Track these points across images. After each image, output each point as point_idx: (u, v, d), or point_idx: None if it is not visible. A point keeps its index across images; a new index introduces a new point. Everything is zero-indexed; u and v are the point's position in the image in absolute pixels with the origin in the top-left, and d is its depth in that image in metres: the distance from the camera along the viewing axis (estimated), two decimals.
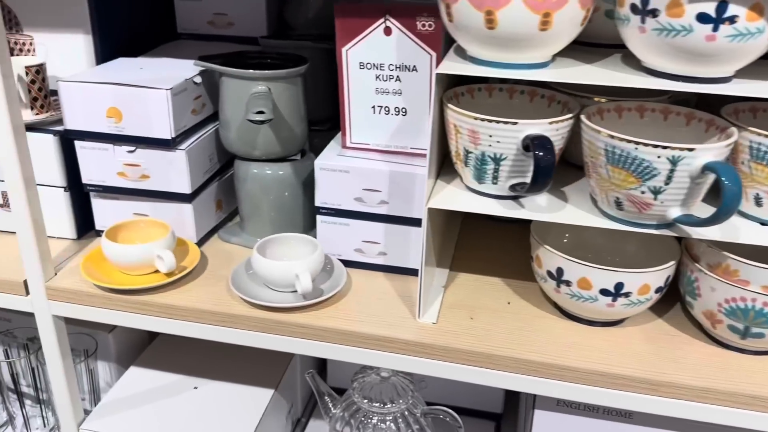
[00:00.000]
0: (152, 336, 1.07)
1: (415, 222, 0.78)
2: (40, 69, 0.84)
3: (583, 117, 0.63)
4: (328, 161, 0.78)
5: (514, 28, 0.57)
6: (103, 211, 0.86)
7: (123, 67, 0.84)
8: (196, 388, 0.95)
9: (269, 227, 0.86)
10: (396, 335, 0.70)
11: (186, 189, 0.82)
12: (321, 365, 1.19)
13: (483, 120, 0.62)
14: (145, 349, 1.04)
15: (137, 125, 0.78)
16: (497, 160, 0.64)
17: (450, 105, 0.65)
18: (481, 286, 0.80)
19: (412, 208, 0.77)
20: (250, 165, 0.84)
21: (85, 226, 0.88)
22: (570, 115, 0.64)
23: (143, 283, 0.75)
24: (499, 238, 0.91)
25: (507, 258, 0.86)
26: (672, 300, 0.76)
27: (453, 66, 0.62)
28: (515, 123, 0.61)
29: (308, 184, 0.86)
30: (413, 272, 0.81)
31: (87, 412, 0.89)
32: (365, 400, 0.81)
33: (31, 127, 0.83)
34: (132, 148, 0.80)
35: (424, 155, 0.79)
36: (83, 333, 0.97)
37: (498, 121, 0.62)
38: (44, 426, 1.01)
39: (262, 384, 0.96)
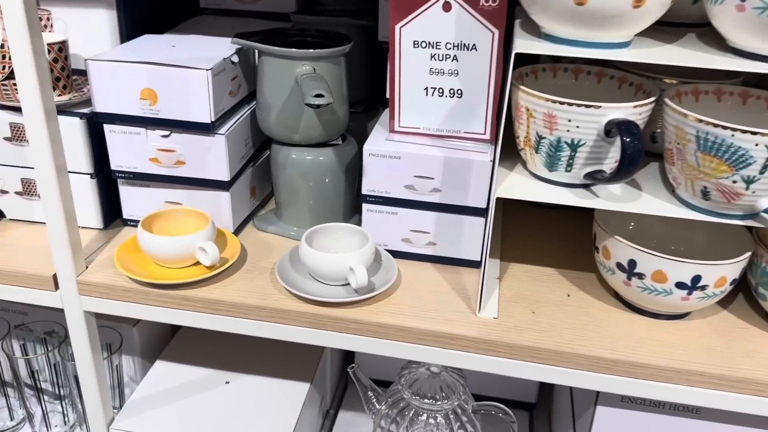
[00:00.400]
0: (175, 328, 1.03)
1: (470, 211, 0.74)
2: (62, 46, 0.78)
3: (668, 100, 0.59)
4: (378, 146, 0.74)
5: (606, 4, 0.53)
6: (132, 199, 0.81)
7: (153, 45, 0.78)
8: (227, 382, 0.91)
9: (307, 215, 0.82)
10: (457, 331, 0.67)
11: (224, 176, 0.77)
12: (347, 357, 1.16)
13: (563, 103, 0.58)
14: (168, 342, 1.00)
15: (174, 108, 0.73)
16: (574, 147, 0.60)
17: (523, 87, 0.61)
18: (537, 277, 0.77)
19: (466, 197, 0.73)
20: (289, 150, 0.79)
21: (111, 215, 0.83)
22: (653, 99, 0.60)
23: (183, 277, 0.71)
24: (544, 225, 0.88)
25: (556, 247, 0.82)
26: (733, 291, 0.73)
27: (534, 45, 0.58)
28: (599, 107, 0.57)
29: (350, 170, 0.81)
30: (464, 263, 0.77)
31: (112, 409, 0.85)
32: (415, 396, 0.78)
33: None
34: (167, 133, 0.75)
35: (478, 140, 0.75)
36: (107, 327, 0.92)
37: (580, 105, 0.57)
38: (65, 423, 0.97)
39: (297, 377, 0.93)
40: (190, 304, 0.71)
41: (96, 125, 0.77)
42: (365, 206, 0.77)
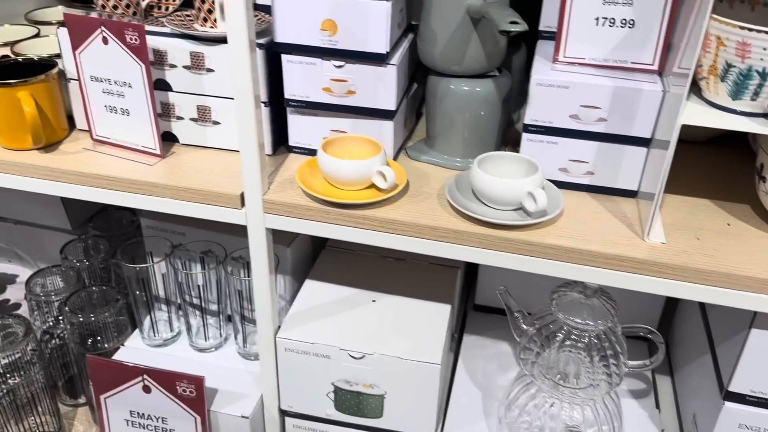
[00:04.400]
0: (316, 250, 1.10)
1: (633, 141, 0.76)
2: None
3: None
4: (546, 76, 0.76)
5: None
6: (299, 127, 0.86)
7: None
8: (374, 301, 0.98)
9: (461, 145, 0.86)
10: (627, 254, 0.70)
11: (391, 105, 0.81)
12: (470, 282, 1.21)
13: (760, 32, 0.59)
14: (310, 263, 1.07)
15: (352, 39, 0.77)
16: (764, 75, 0.62)
17: (716, 16, 0.62)
18: (695, 206, 0.79)
19: (632, 127, 0.75)
20: (449, 81, 0.83)
21: (278, 142, 0.89)
22: None
23: (362, 198, 0.76)
24: (690, 157, 0.89)
25: (705, 180, 0.84)
26: None
27: None
28: None
29: (504, 102, 0.84)
30: (621, 193, 0.80)
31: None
32: (567, 317, 0.82)
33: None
34: (341, 63, 0.79)
35: (646, 71, 0.76)
36: None
37: None
38: (219, 335, 1.06)
39: (437, 299, 0.98)
40: (368, 222, 0.76)
41: (273, 55, 0.81)
42: (526, 136, 0.80)
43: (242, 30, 0.68)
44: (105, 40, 0.80)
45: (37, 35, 0.99)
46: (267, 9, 0.85)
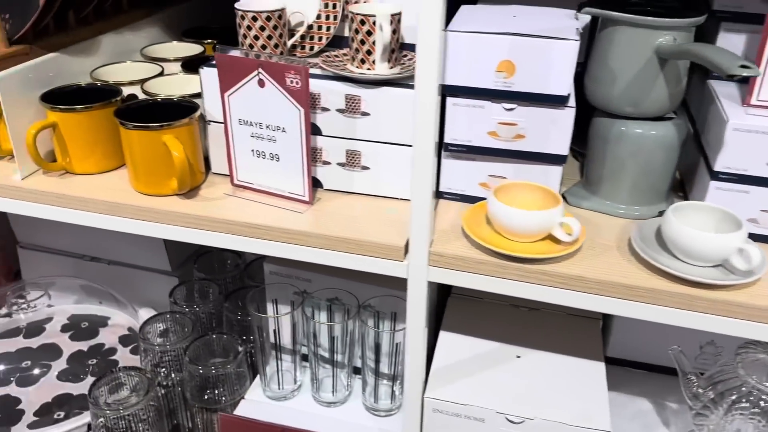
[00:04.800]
0: (441, 298, 1.04)
1: None
2: (400, 18, 0.78)
3: None
4: (743, 121, 0.70)
5: None
6: (453, 172, 0.81)
7: (494, 16, 0.77)
8: (518, 356, 0.91)
9: (628, 191, 0.80)
10: None
11: (564, 150, 0.76)
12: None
13: None
14: (436, 309, 1.01)
15: (531, 80, 0.72)
16: None
17: None
18: None
19: None
20: (623, 123, 0.77)
21: None
22: None
23: (542, 252, 0.70)
24: None
25: None
26: None
27: None
28: None
29: (679, 146, 0.78)
30: None
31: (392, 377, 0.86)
32: (753, 377, 0.75)
33: (387, 82, 0.77)
34: (512, 106, 0.74)
35: None
36: (390, 295, 0.93)
37: None
38: (345, 389, 0.99)
39: (586, 354, 0.91)
40: (549, 279, 0.70)
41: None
42: (714, 184, 0.74)
43: (433, 74, 0.63)
44: (261, 83, 0.76)
45: (161, 73, 0.96)
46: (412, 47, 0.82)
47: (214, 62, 0.81)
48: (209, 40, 1.09)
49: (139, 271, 1.26)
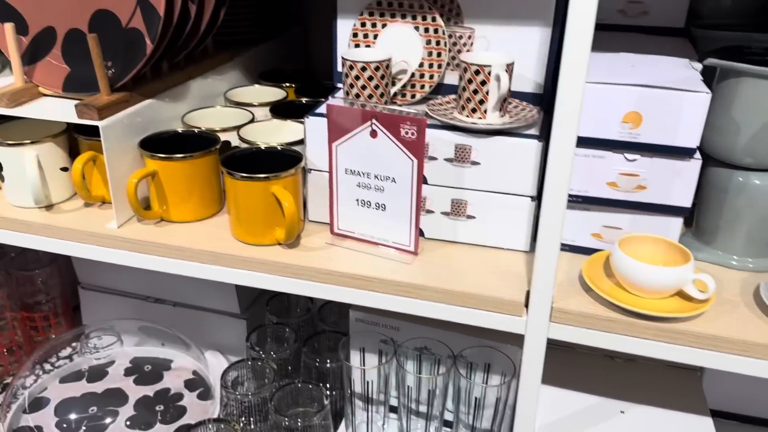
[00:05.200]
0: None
1: None
2: (513, 67, 0.76)
3: None
4: None
5: None
6: (566, 222, 0.78)
7: (610, 64, 0.75)
8: (622, 412, 0.88)
9: (743, 243, 0.77)
10: None
11: (687, 202, 0.73)
12: None
13: None
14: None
15: (658, 132, 0.70)
16: None
17: None
18: None
19: None
20: (743, 174, 0.75)
21: (534, 237, 0.81)
22: None
23: (674, 311, 0.67)
24: None
25: None
26: None
27: None
28: None
29: None
30: None
31: None
32: None
33: (499, 132, 0.76)
34: (635, 157, 0.72)
35: None
36: (485, 346, 0.91)
37: None
38: None
39: (691, 409, 0.88)
40: (683, 338, 0.67)
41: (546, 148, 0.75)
42: None
43: (572, 128, 0.61)
44: (374, 134, 0.74)
45: (252, 120, 0.95)
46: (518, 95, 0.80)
47: (318, 111, 0.80)
48: (287, 83, 1.09)
49: (206, 314, 1.24)
